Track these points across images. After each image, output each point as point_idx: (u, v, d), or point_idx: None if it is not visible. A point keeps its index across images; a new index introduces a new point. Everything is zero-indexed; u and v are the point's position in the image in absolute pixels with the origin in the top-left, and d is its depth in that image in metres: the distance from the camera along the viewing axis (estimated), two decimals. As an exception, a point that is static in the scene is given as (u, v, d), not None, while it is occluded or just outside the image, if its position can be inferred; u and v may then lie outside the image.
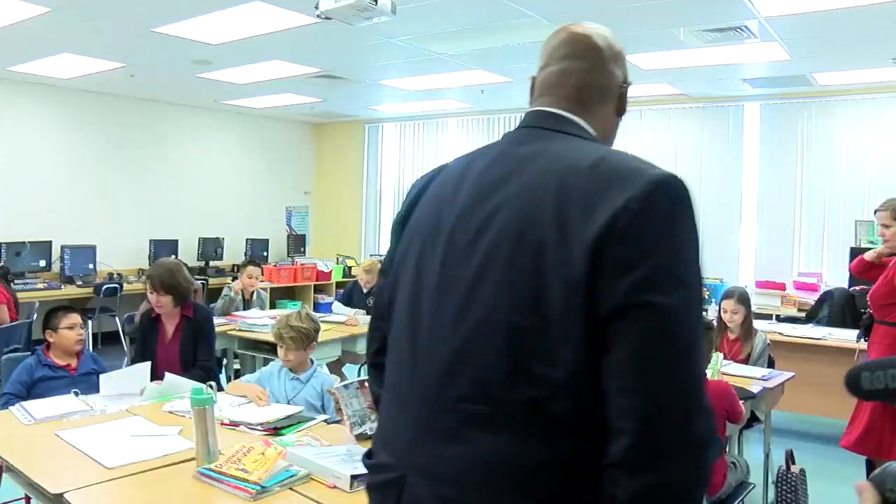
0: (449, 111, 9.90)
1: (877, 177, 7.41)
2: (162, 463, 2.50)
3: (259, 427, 2.92)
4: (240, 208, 10.33)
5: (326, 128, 11.40)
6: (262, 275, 6.39)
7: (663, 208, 1.14)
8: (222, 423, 2.95)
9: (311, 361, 3.56)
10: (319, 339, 3.71)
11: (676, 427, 1.09)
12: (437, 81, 7.86)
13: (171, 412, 3.12)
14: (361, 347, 5.72)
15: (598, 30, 1.42)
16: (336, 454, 2.52)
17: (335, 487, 2.30)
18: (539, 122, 1.37)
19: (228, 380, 5.74)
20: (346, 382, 2.53)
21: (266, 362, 5.73)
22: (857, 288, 5.73)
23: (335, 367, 5.69)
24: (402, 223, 1.46)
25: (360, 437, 2.57)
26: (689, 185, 1.18)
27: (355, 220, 11.13)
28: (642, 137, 8.63)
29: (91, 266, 8.32)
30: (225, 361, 5.73)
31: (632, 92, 1.46)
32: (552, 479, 1.15)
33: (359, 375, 6.39)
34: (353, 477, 2.29)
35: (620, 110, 1.44)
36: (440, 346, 1.25)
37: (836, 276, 7.60)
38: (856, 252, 7.15)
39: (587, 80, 1.39)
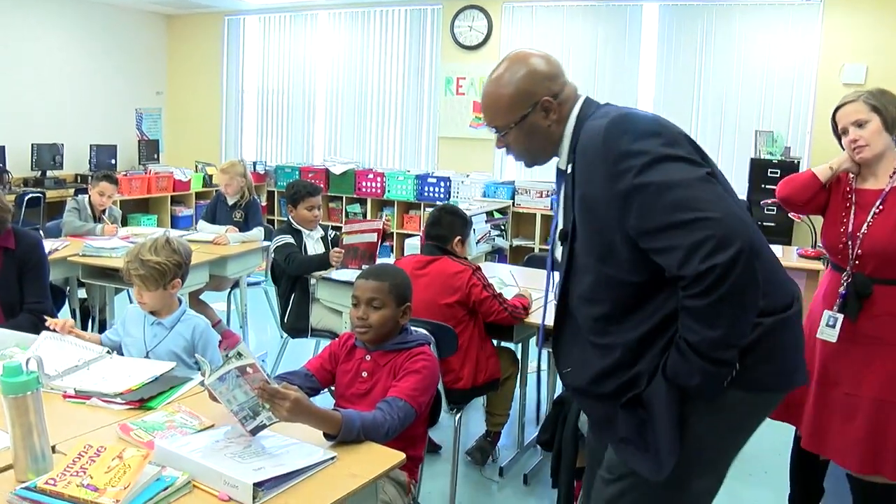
0: (319, 3, 8.88)
1: (777, 87, 7.13)
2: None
3: (118, 399, 2.15)
4: (81, 110, 8.97)
5: (181, 20, 10.06)
6: (117, 191, 5.32)
7: None
8: (65, 396, 2.17)
9: (179, 301, 2.78)
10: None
11: None
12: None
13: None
14: (232, 270, 4.89)
15: None
16: (225, 445, 1.81)
17: (230, 501, 1.61)
18: None
19: (73, 315, 4.83)
20: (219, 373, 1.79)
21: (118, 292, 4.87)
22: (770, 201, 5.38)
23: (192, 297, 4.81)
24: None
25: (257, 431, 1.87)
26: None
27: (214, 124, 10.00)
28: (533, 37, 7.99)
29: None
30: (69, 292, 4.80)
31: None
32: None
33: (228, 300, 5.59)
34: (257, 486, 1.60)
35: None
36: None
37: (733, 188, 7.36)
38: (757, 164, 6.91)
39: None
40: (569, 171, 1.81)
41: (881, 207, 2.57)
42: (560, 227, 1.90)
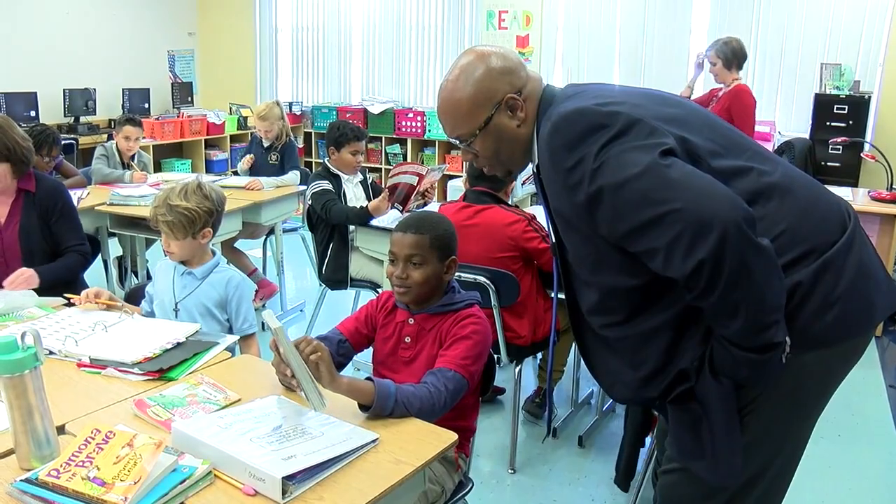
0: (355, -65, 8.48)
1: (846, 15, 6.61)
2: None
3: (135, 370, 1.94)
4: (112, 54, 8.73)
5: (210, -45, 9.75)
6: (143, 135, 5.07)
7: None
8: (79, 364, 1.97)
9: (213, 252, 2.56)
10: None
11: None
12: None
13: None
14: (267, 217, 4.65)
15: None
16: (252, 425, 1.59)
17: (257, 495, 1.40)
18: None
19: (105, 267, 4.69)
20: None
21: (150, 244, 4.69)
22: (840, 140, 5.01)
23: (225, 246, 4.63)
24: None
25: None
26: None
27: (248, 64, 9.71)
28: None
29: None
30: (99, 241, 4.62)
31: None
32: None
33: (264, 247, 5.39)
34: (287, 479, 1.38)
35: None
36: None
37: (792, 126, 6.93)
38: (822, 100, 6.43)
39: None
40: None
41: None
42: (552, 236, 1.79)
